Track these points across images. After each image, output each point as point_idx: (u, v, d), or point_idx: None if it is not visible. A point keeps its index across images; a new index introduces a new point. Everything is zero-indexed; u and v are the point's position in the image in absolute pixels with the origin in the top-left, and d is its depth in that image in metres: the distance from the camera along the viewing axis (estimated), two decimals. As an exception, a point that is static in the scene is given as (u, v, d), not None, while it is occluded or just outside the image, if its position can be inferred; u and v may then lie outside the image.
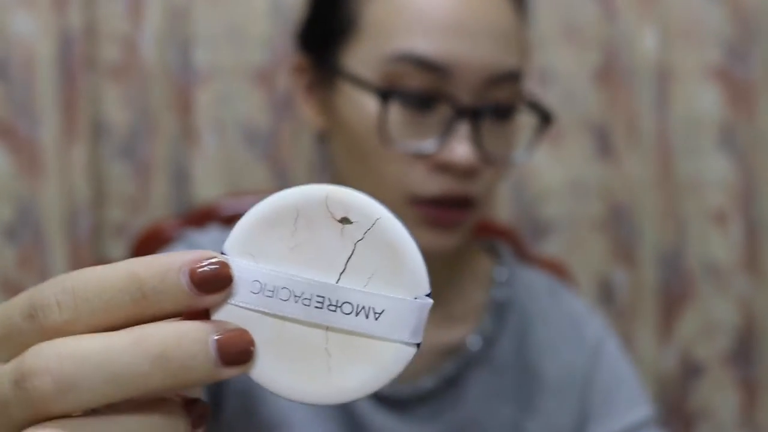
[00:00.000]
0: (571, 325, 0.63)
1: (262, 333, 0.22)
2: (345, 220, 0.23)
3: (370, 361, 0.22)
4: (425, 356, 0.58)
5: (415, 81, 0.52)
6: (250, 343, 0.22)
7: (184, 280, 0.21)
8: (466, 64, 0.52)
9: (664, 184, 0.96)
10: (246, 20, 0.90)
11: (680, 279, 0.98)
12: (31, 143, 0.87)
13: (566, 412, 0.60)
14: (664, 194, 0.96)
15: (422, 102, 0.53)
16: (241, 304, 0.22)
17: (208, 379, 0.21)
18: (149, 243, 0.79)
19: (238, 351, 0.21)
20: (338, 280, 0.22)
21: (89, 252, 0.89)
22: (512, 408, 0.59)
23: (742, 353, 0.99)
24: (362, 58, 0.54)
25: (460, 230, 0.54)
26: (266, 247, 0.23)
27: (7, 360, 0.22)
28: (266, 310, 0.22)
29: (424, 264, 0.23)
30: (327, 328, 0.22)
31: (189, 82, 0.90)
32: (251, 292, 0.22)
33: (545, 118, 0.58)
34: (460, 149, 0.52)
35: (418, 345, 0.23)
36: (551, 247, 0.96)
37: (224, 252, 0.23)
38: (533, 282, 0.66)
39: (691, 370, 0.99)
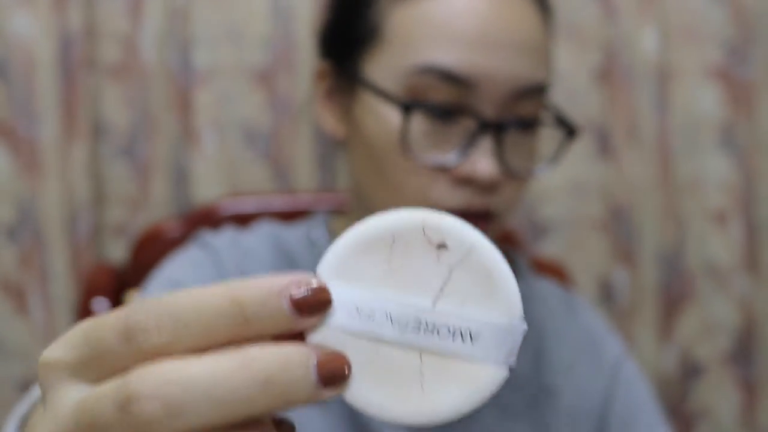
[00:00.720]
0: (588, 344, 0.63)
1: (357, 355, 0.22)
2: (441, 246, 0.23)
3: (463, 383, 0.23)
4: None
5: (439, 94, 0.51)
6: (347, 365, 0.22)
7: (285, 304, 0.21)
8: (491, 77, 0.51)
9: (664, 184, 0.96)
10: (246, 20, 0.90)
11: (680, 279, 0.98)
12: (31, 143, 0.87)
13: None
14: (664, 194, 0.96)
15: (445, 114, 0.52)
16: (337, 328, 0.22)
17: (307, 402, 0.21)
18: (149, 243, 0.79)
19: (336, 374, 0.22)
20: (434, 303, 0.23)
21: (89, 252, 0.89)
22: (526, 427, 0.58)
23: (742, 353, 0.99)
24: (385, 68, 0.53)
25: None
26: (362, 271, 0.23)
27: (95, 380, 0.22)
28: (362, 333, 0.22)
29: (517, 289, 0.23)
30: (422, 351, 0.23)
31: (189, 83, 0.90)
32: (347, 315, 0.22)
33: (570, 132, 0.57)
34: (483, 163, 0.51)
35: (511, 368, 0.23)
36: (551, 248, 0.96)
37: (318, 275, 0.23)
38: (550, 296, 0.65)
39: (691, 370, 0.99)
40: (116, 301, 0.77)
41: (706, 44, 0.96)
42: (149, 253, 0.78)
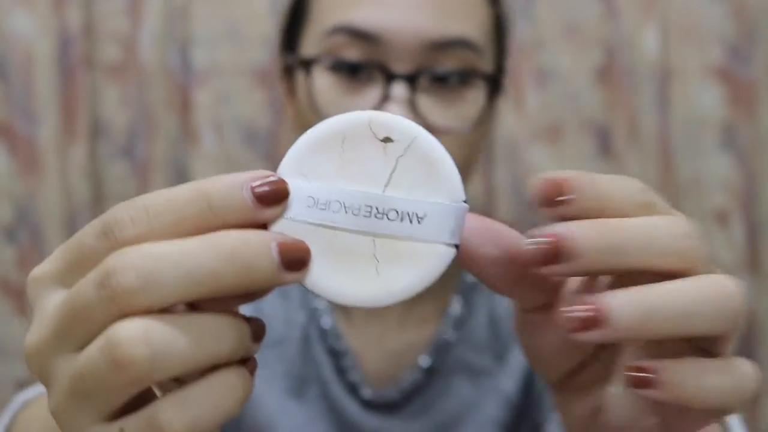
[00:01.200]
0: None
1: (315, 243, 0.24)
2: (387, 140, 0.25)
3: (414, 264, 0.25)
4: (403, 356, 0.58)
5: (351, 52, 0.52)
6: (306, 251, 0.24)
7: (247, 195, 0.23)
8: (398, 32, 0.52)
9: (665, 184, 0.96)
10: (245, 20, 0.90)
11: (681, 279, 0.97)
12: (30, 143, 0.87)
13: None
14: (665, 194, 0.95)
15: (357, 71, 0.53)
16: (296, 218, 0.24)
17: (271, 282, 0.23)
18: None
19: (296, 256, 0.23)
20: (383, 191, 0.25)
21: (88, 252, 0.88)
22: (491, 383, 0.59)
23: (744, 354, 0.98)
24: (309, 41, 0.55)
25: None
26: (317, 167, 0.25)
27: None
28: (319, 222, 0.24)
29: (458, 174, 0.25)
30: (374, 235, 0.25)
31: (188, 82, 0.90)
32: (305, 206, 0.24)
33: (493, 88, 0.56)
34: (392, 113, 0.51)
35: (458, 247, 0.25)
36: (552, 248, 0.96)
37: (279, 173, 0.25)
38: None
39: (692, 371, 0.98)
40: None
41: (708, 44, 0.96)
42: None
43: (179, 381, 0.23)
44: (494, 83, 0.56)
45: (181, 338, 0.22)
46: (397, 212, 0.25)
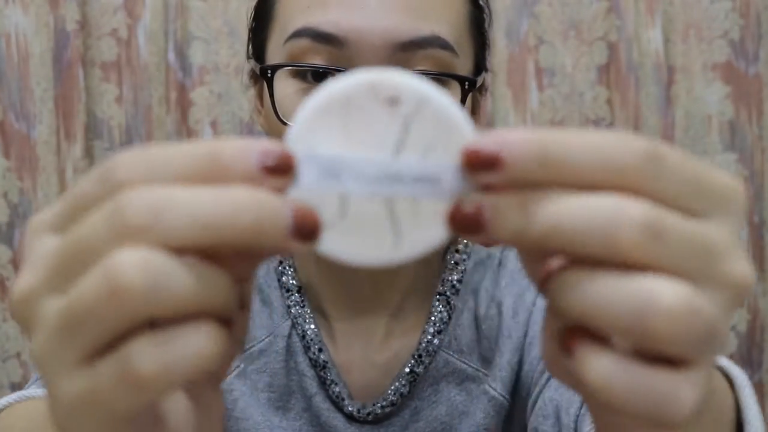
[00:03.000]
0: (517, 278, 0.60)
1: (328, 211, 0.24)
2: (394, 100, 0.24)
3: (433, 219, 0.24)
4: (389, 366, 0.57)
5: (315, 57, 0.50)
6: (317, 223, 0.23)
7: (255, 161, 0.23)
8: (361, 34, 0.50)
9: (669, 182, 0.95)
10: (243, 18, 0.89)
11: (685, 279, 0.97)
12: (26, 141, 0.86)
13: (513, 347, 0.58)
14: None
15: (322, 77, 0.50)
16: (305, 189, 0.24)
17: (278, 246, 0.22)
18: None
19: (308, 226, 0.23)
20: (396, 155, 0.24)
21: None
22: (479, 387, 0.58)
23: (748, 354, 0.98)
24: (273, 47, 0.53)
25: None
26: (323, 137, 0.24)
27: None
28: (331, 192, 0.24)
29: (473, 129, 0.24)
30: (391, 200, 0.24)
31: (185, 80, 0.89)
32: (315, 177, 0.24)
33: (466, 86, 0.53)
34: None
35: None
36: (554, 247, 0.95)
37: (287, 143, 0.25)
38: (483, 253, 0.63)
39: (695, 372, 0.98)
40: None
41: (711, 41, 0.95)
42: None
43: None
44: (470, 84, 0.54)
45: (180, 274, 0.21)
46: (410, 176, 0.24)
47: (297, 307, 0.58)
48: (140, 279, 0.20)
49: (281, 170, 0.23)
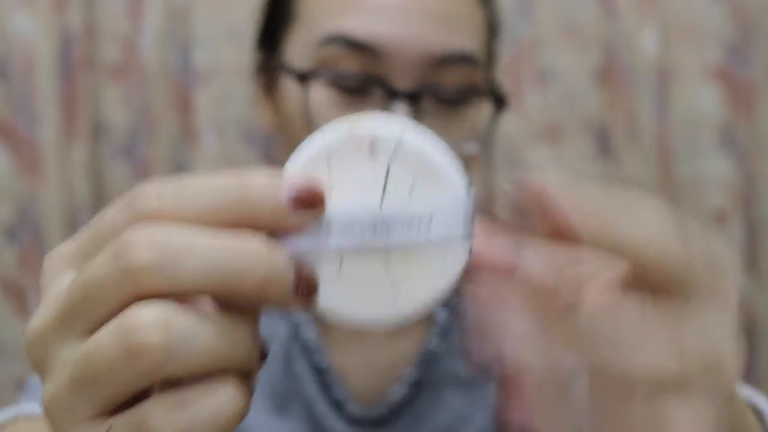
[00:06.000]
0: None
1: (324, 271, 0.23)
2: (372, 146, 0.24)
3: (432, 267, 0.23)
4: (390, 370, 0.56)
5: (348, 64, 0.49)
6: (314, 281, 0.23)
7: (284, 196, 0.22)
8: (400, 46, 0.48)
9: (664, 184, 0.96)
10: (246, 20, 0.90)
11: (680, 279, 0.97)
12: (31, 143, 0.87)
13: None
14: (664, 194, 0.96)
15: (356, 86, 0.49)
16: (297, 250, 0.23)
17: (281, 304, 0.22)
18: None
19: (306, 286, 0.22)
20: (381, 201, 0.23)
21: (89, 252, 0.89)
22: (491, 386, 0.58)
23: (743, 355, 0.98)
24: (298, 46, 0.52)
25: None
26: None
27: None
28: (323, 250, 0.23)
29: (454, 162, 0.24)
30: (384, 251, 0.23)
31: (189, 82, 0.90)
32: (305, 237, 0.23)
33: (499, 104, 0.53)
34: None
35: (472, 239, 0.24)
36: (551, 248, 0.95)
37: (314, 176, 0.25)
38: None
39: (691, 371, 0.98)
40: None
41: (707, 44, 0.96)
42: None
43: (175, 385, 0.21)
44: (499, 99, 0.53)
45: (201, 332, 0.20)
46: (401, 221, 0.23)
47: (296, 312, 0.58)
48: (160, 339, 0.19)
49: (310, 202, 0.22)
